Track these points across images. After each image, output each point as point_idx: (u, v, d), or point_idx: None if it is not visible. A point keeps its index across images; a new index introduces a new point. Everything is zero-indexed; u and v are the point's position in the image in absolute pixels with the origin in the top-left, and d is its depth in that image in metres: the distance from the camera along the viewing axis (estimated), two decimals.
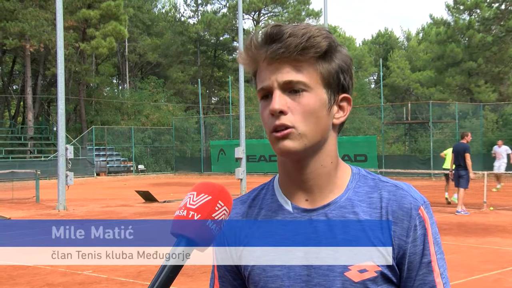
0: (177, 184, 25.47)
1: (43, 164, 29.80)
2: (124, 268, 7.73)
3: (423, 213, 1.18)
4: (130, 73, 48.76)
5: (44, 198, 17.83)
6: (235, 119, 34.45)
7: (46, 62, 38.88)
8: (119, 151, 36.31)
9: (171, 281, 1.03)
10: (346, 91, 1.20)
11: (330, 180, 1.20)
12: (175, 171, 35.98)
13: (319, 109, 1.14)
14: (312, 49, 1.12)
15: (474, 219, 12.27)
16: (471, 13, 38.57)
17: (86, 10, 35.03)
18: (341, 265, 1.15)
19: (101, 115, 40.27)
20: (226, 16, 49.06)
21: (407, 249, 1.16)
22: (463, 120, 31.26)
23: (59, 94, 15.51)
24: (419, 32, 59.44)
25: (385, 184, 1.21)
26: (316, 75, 1.14)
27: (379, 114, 32.44)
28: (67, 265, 7.97)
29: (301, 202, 1.20)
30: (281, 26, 1.14)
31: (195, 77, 49.51)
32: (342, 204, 1.18)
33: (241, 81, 19.88)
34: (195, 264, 7.32)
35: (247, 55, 1.17)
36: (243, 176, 19.07)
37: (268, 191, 1.26)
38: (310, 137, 1.14)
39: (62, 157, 15.51)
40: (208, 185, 1.09)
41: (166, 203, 16.47)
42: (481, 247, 9.13)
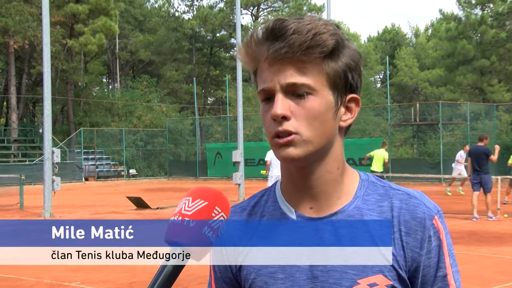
0: (171, 190, 25.45)
1: (27, 168, 29.75)
2: (115, 280, 7.72)
3: (438, 223, 1.17)
4: (121, 72, 48.76)
5: (29, 205, 17.79)
6: (232, 121, 34.45)
7: (31, 59, 38.86)
8: (109, 155, 36.29)
9: (171, 283, 1.03)
10: (354, 91, 1.18)
11: (337, 187, 1.18)
12: (169, 176, 35.96)
13: (324, 112, 1.13)
14: (318, 49, 1.10)
15: (487, 227, 12.27)
16: (483, 7, 38.64)
17: (74, 4, 35.05)
18: (349, 278, 1.13)
19: (90, 116, 40.25)
20: (223, 11, 49.12)
21: (421, 261, 1.15)
22: (475, 121, 31.28)
23: (45, 94, 15.49)
24: (428, 28, 59.58)
25: (397, 192, 1.19)
26: (321, 77, 1.12)
27: (385, 115, 32.46)
28: (53, 276, 7.95)
29: (306, 210, 1.19)
30: (284, 21, 1.11)
31: (190, 76, 49.52)
32: (350, 213, 1.17)
33: (239, 80, 19.89)
34: (192, 275, 7.32)
35: (247, 53, 1.16)
36: (241, 181, 19.07)
37: (269, 198, 1.24)
38: (315, 143, 1.12)
39: (48, 161, 15.49)
40: (204, 190, 1.08)
41: (159, 209, 16.45)
42: (495, 257, 9.12)
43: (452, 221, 12.97)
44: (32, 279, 7.86)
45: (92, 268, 8.48)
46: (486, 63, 38.32)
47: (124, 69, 50.61)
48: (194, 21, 49.94)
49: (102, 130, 37.41)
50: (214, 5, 51.40)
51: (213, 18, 48.42)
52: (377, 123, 34.91)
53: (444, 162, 26.27)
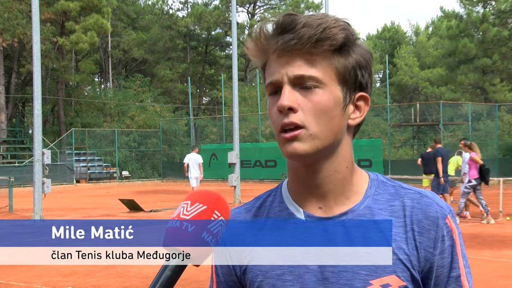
0: (164, 192, 25.43)
1: (17, 170, 29.69)
2: (107, 284, 7.70)
3: (451, 222, 1.18)
4: (113, 71, 48.70)
5: (18, 208, 17.75)
6: (228, 121, 34.43)
7: (20, 58, 38.80)
8: (101, 156, 36.24)
9: (174, 283, 1.03)
10: (364, 89, 1.18)
11: (346, 186, 1.18)
12: (163, 178, 35.93)
13: (333, 107, 1.13)
14: (327, 41, 1.10)
15: (489, 230, 12.29)
16: (485, 5, 38.75)
17: (65, 1, 34.99)
18: (362, 279, 1.13)
19: (81, 116, 40.19)
20: (219, 9, 49.12)
21: (435, 261, 1.16)
22: (477, 121, 31.36)
23: (35, 93, 15.46)
24: (428, 26, 59.70)
25: (408, 191, 1.20)
26: (330, 71, 1.13)
27: (385, 115, 32.51)
28: (44, 281, 7.93)
29: (315, 210, 1.18)
30: (294, 16, 1.12)
31: (185, 75, 49.51)
32: (361, 212, 1.17)
33: (235, 79, 19.88)
34: (187, 279, 7.31)
35: (256, 46, 1.16)
36: (237, 183, 19.06)
37: (275, 198, 1.24)
38: (323, 139, 1.12)
39: (38, 163, 15.45)
40: (203, 193, 1.08)
41: (152, 212, 16.44)
42: (497, 261, 9.14)
43: None
44: (21, 284, 7.84)
45: (84, 272, 8.47)
46: (488, 62, 38.41)
47: (117, 68, 50.56)
48: (188, 18, 49.91)
49: (94, 130, 37.36)
50: (209, 2, 51.43)
51: (208, 15, 48.41)
52: (376, 123, 34.95)
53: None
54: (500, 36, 37.13)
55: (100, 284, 7.73)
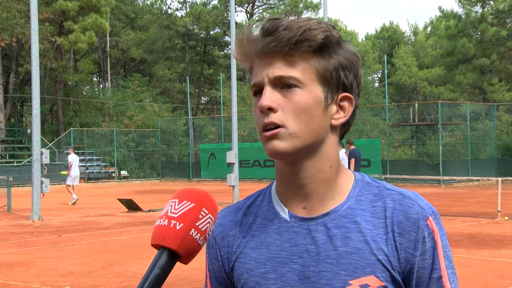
0: (163, 192, 25.43)
1: (15, 170, 29.69)
2: (105, 284, 7.70)
3: (432, 224, 1.17)
4: (112, 71, 48.69)
5: (17, 207, 17.74)
6: (226, 121, 34.44)
7: (19, 58, 38.77)
8: (99, 156, 36.21)
9: (163, 281, 1.03)
10: (348, 90, 1.19)
11: (330, 187, 1.19)
12: (161, 177, 35.93)
13: (312, 107, 1.14)
14: (306, 43, 1.12)
15: (487, 229, 12.30)
16: (484, 5, 38.78)
17: (64, 1, 34.97)
18: (341, 279, 1.14)
19: (80, 116, 40.18)
20: (217, 8, 49.12)
21: (415, 263, 1.16)
22: (475, 121, 31.40)
23: (33, 93, 15.46)
24: (427, 26, 59.75)
25: (390, 192, 1.20)
26: (310, 71, 1.14)
27: (383, 115, 32.53)
28: (42, 281, 7.93)
29: (299, 210, 1.20)
30: (278, 20, 1.15)
31: (183, 75, 49.51)
32: (342, 213, 1.18)
33: (233, 79, 19.89)
34: (185, 279, 7.31)
35: (240, 50, 1.18)
36: (236, 183, 19.07)
37: (265, 198, 1.26)
38: (303, 138, 1.14)
39: (36, 162, 15.44)
40: (190, 191, 1.09)
41: (151, 212, 16.45)
42: (495, 260, 9.15)
43: (452, 223, 13.01)
44: (20, 284, 7.84)
45: (81, 272, 8.46)
46: (486, 61, 38.46)
47: (115, 68, 50.55)
48: (187, 18, 49.91)
49: (92, 130, 37.34)
50: (207, 2, 51.43)
51: (207, 15, 48.41)
52: (374, 123, 34.98)
53: (444, 163, 26.35)
54: (498, 36, 37.17)
55: (98, 284, 7.72)
